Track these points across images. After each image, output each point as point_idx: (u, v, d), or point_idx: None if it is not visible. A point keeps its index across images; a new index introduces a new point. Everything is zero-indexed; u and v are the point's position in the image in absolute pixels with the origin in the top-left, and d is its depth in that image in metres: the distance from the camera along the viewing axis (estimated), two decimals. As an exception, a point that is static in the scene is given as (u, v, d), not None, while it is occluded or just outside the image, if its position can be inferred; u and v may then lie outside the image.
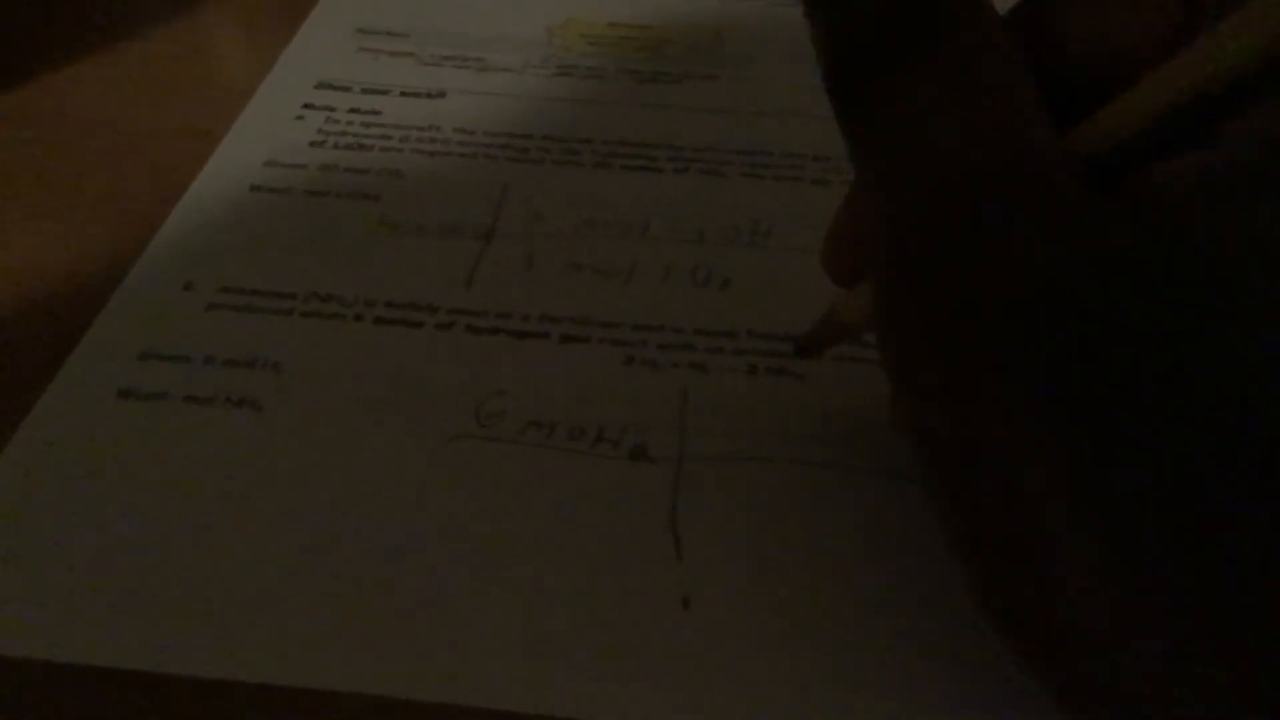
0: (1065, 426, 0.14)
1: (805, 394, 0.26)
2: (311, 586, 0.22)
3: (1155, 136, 0.15)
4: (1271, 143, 0.13)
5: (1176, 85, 0.14)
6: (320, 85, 0.36)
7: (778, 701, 0.20)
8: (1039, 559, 0.14)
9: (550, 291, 0.29)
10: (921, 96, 0.16)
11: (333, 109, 0.35)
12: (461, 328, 0.28)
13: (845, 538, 0.23)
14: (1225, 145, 0.14)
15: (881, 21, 0.16)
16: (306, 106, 0.35)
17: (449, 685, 0.20)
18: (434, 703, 0.20)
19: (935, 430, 0.16)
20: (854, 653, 0.21)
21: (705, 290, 0.29)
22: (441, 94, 0.36)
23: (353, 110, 0.35)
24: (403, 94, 0.36)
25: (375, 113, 0.35)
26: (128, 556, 0.22)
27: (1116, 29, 0.17)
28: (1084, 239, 0.14)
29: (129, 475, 0.24)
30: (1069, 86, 0.16)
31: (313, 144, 0.34)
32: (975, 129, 0.15)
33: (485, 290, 0.29)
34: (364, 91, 0.36)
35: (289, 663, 0.21)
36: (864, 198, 0.17)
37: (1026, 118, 0.15)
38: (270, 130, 0.34)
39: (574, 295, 0.29)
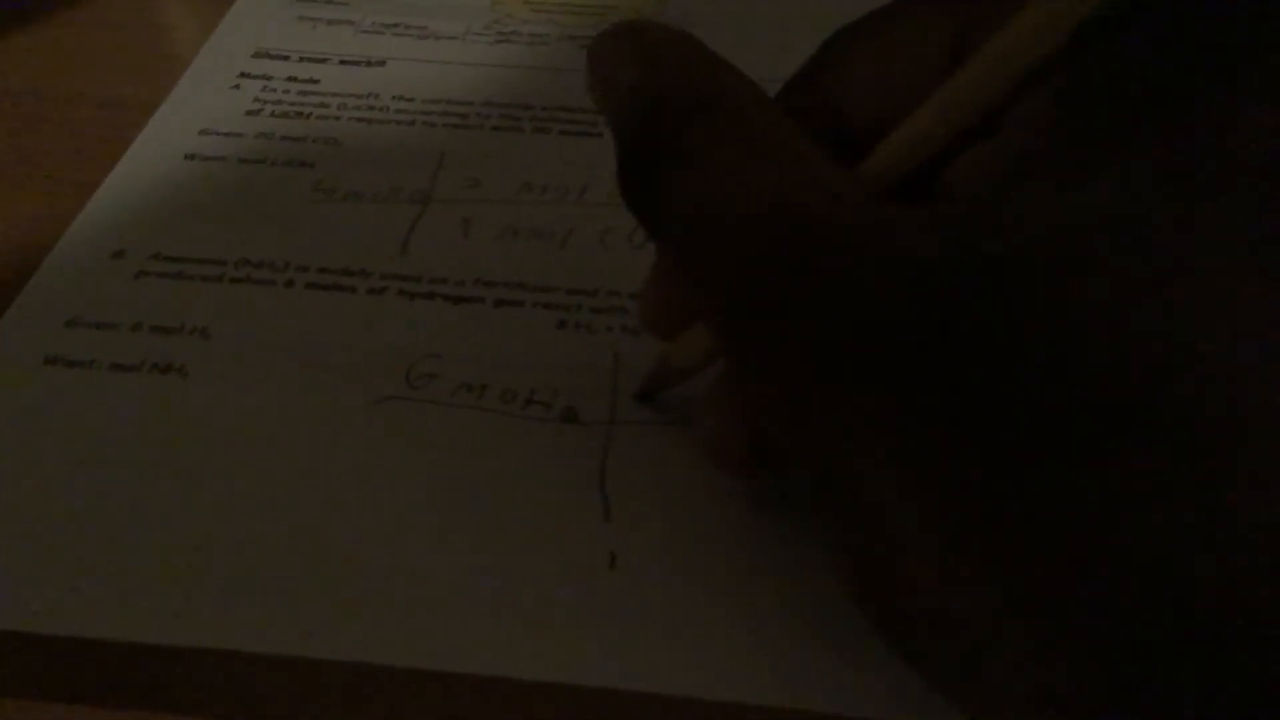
0: (898, 434, 0.14)
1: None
2: (237, 552, 0.22)
3: (947, 146, 0.16)
4: (1034, 127, 0.14)
5: (956, 100, 0.16)
6: (258, 54, 0.36)
7: (699, 657, 0.20)
8: (891, 563, 0.15)
9: (486, 256, 0.29)
10: (706, 174, 0.17)
11: (270, 78, 0.35)
12: (395, 292, 0.27)
13: (770, 499, 0.23)
14: (999, 136, 0.15)
15: (654, 117, 0.18)
16: (243, 75, 0.35)
17: (375, 645, 0.20)
18: (359, 662, 0.20)
19: (784, 446, 0.16)
20: (774, 611, 0.21)
21: (640, 254, 0.29)
22: (381, 62, 0.36)
23: (290, 79, 0.35)
24: (341, 62, 0.36)
25: (313, 81, 0.35)
26: (52, 522, 0.22)
27: (889, 74, 0.18)
28: (890, 255, 0.14)
29: (54, 442, 0.24)
30: (858, 133, 0.18)
31: (249, 113, 0.33)
32: (769, 187, 0.16)
33: (420, 255, 0.28)
34: (302, 60, 0.36)
35: (215, 626, 0.21)
36: (677, 276, 0.18)
37: (813, 164, 0.16)
38: (206, 99, 0.34)
39: (509, 260, 0.28)
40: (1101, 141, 0.13)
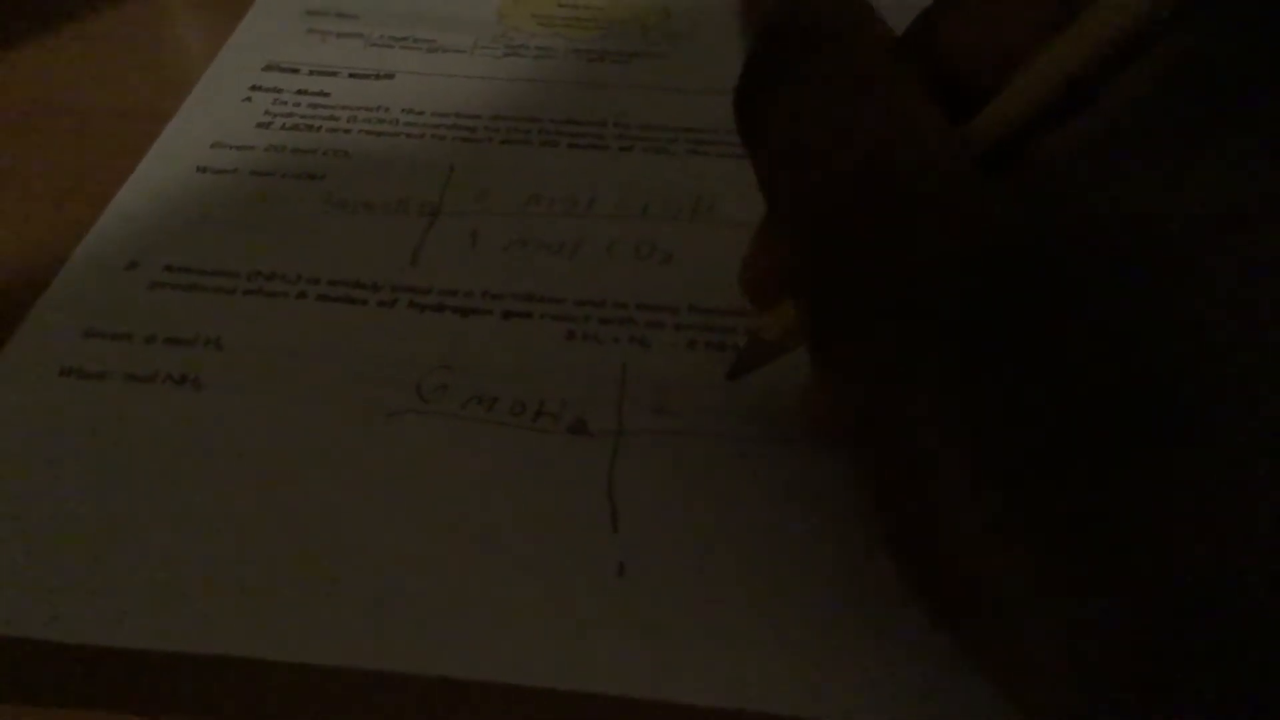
0: (965, 399, 0.14)
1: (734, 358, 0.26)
2: (251, 562, 0.22)
3: (1042, 114, 0.16)
4: (1135, 101, 0.14)
5: (1055, 71, 0.15)
6: (268, 67, 0.36)
7: (706, 665, 0.21)
8: (943, 526, 0.15)
9: (494, 268, 0.29)
10: (814, 105, 0.17)
11: (280, 90, 0.35)
12: (405, 304, 0.28)
13: (776, 509, 0.23)
14: (1098, 108, 0.14)
15: (775, 42, 0.18)
16: (254, 88, 0.35)
17: (387, 653, 0.21)
18: (371, 670, 0.20)
19: (851, 410, 0.16)
20: (780, 620, 0.21)
21: (647, 265, 0.29)
22: (390, 75, 0.36)
23: (300, 92, 0.35)
24: (351, 75, 0.36)
25: (323, 94, 0.35)
26: (67, 533, 0.22)
27: (1001, 32, 0.18)
28: (975, 219, 0.14)
29: (69, 452, 0.24)
30: (969, 91, 0.17)
31: (259, 125, 0.34)
32: (868, 128, 0.16)
33: (430, 267, 0.29)
34: (312, 73, 0.36)
35: (229, 635, 0.21)
36: (773, 213, 0.18)
37: (919, 114, 0.16)
38: (217, 112, 0.34)
39: (518, 271, 0.29)
40: (1199, 124, 0.13)
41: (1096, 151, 0.14)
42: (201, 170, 0.32)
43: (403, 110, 0.34)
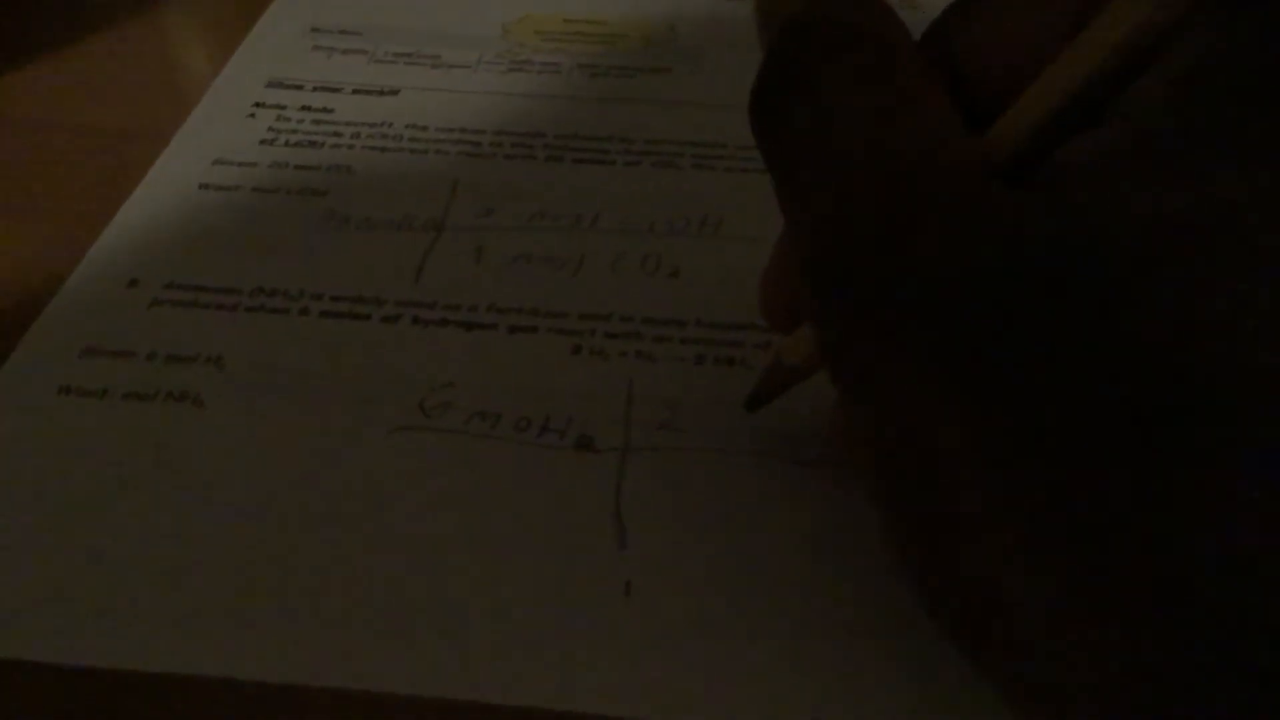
0: (982, 407, 0.14)
1: (752, 384, 0.25)
2: (252, 580, 0.22)
3: (1057, 125, 0.15)
4: (1157, 109, 0.14)
5: (1068, 77, 0.15)
6: (272, 84, 0.36)
7: (715, 685, 0.20)
8: (964, 548, 0.14)
9: (499, 283, 0.29)
10: (835, 106, 0.16)
11: (284, 107, 0.35)
12: (408, 320, 0.27)
13: (787, 529, 0.23)
14: (1119, 117, 0.14)
15: (796, 42, 0.17)
16: (257, 105, 0.35)
17: (391, 674, 0.20)
18: (375, 691, 0.20)
19: (868, 428, 0.16)
20: (790, 638, 0.21)
21: (654, 279, 0.29)
22: (394, 91, 0.36)
23: (304, 108, 0.35)
24: (355, 91, 0.36)
25: (327, 110, 0.35)
26: (67, 553, 0.22)
27: (1018, 38, 0.17)
28: (993, 229, 0.14)
29: (68, 471, 0.24)
30: (986, 99, 0.17)
31: (263, 142, 0.33)
32: (891, 133, 0.16)
33: (434, 282, 0.28)
34: (316, 89, 0.36)
35: (231, 656, 0.20)
36: (789, 222, 0.18)
37: (940, 121, 0.16)
38: (220, 129, 0.34)
39: (523, 286, 0.28)
40: (1221, 132, 0.13)
41: (1121, 161, 0.13)
42: (204, 187, 0.32)
43: (407, 126, 0.34)
